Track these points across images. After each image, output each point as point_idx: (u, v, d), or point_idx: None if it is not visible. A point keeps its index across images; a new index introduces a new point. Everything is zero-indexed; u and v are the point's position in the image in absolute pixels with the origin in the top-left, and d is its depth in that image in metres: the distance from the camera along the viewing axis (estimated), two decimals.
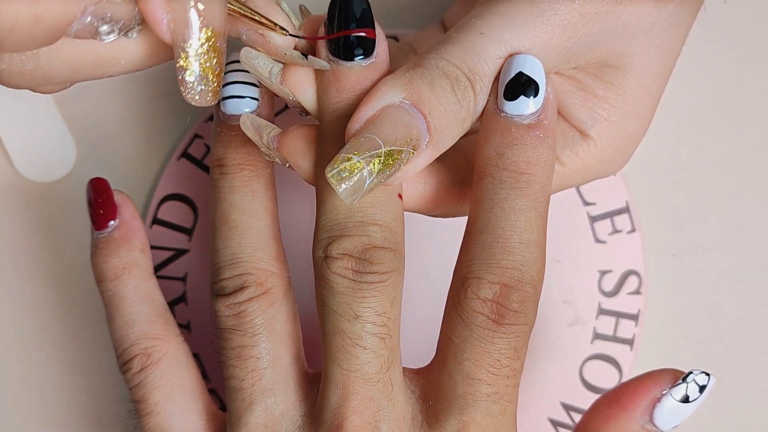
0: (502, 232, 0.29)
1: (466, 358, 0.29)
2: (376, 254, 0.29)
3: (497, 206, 0.29)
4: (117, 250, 0.35)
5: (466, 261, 0.30)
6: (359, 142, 0.28)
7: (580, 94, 0.32)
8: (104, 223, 0.35)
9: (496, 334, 0.29)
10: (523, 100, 0.30)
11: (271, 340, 0.32)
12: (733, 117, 0.42)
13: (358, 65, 0.30)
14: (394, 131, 0.28)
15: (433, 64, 0.29)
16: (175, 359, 0.34)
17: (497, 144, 0.30)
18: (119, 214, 0.35)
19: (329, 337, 0.30)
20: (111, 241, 0.35)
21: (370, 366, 0.30)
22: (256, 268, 0.32)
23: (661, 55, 0.31)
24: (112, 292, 0.35)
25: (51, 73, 0.26)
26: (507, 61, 0.30)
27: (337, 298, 0.30)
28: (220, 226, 0.33)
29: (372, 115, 0.29)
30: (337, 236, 0.29)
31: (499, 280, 0.29)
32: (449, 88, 0.29)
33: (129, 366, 0.34)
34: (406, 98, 0.29)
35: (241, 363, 0.32)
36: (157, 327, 0.34)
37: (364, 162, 0.28)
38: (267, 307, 0.32)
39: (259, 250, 0.32)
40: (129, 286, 0.35)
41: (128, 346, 0.34)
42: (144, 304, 0.35)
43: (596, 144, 0.32)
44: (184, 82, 0.27)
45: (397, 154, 0.28)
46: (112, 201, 0.36)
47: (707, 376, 0.31)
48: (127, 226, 0.35)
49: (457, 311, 0.30)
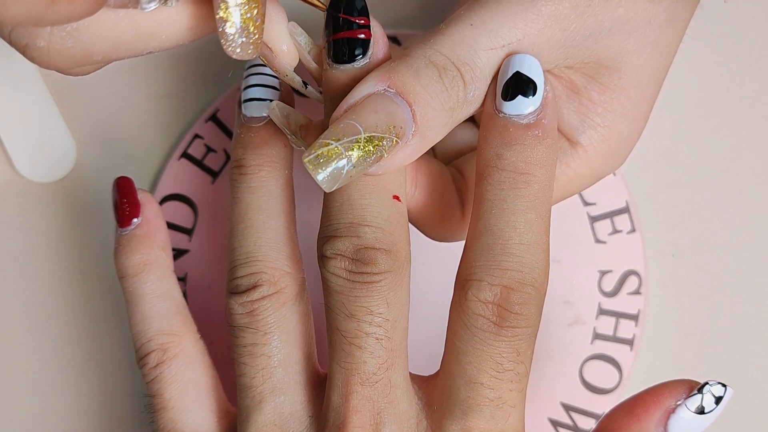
0: (501, 233, 0.29)
1: (468, 361, 0.29)
2: (368, 254, 0.29)
3: (496, 207, 0.29)
4: (138, 247, 0.35)
5: (467, 264, 0.30)
6: (338, 128, 0.28)
7: (574, 97, 0.32)
8: (128, 221, 0.36)
9: (497, 337, 0.29)
10: (521, 100, 0.29)
11: (283, 339, 0.32)
12: (733, 117, 0.42)
13: (351, 68, 0.30)
14: (375, 118, 0.28)
15: (420, 54, 0.29)
16: (190, 356, 0.34)
17: (495, 145, 0.30)
18: (142, 213, 0.36)
19: (329, 335, 0.30)
20: (133, 238, 0.35)
21: (366, 366, 0.30)
22: (269, 267, 0.32)
23: (657, 53, 0.31)
24: (132, 288, 0.35)
25: (91, 50, 0.26)
26: (504, 61, 0.30)
27: (333, 297, 0.30)
28: (236, 225, 0.33)
29: (354, 102, 0.28)
30: (330, 236, 0.30)
31: (499, 282, 0.29)
32: (436, 77, 0.29)
33: (146, 361, 0.34)
34: (390, 86, 0.28)
35: (252, 360, 0.32)
36: (174, 323, 0.35)
37: (342, 147, 0.27)
38: (279, 306, 0.32)
39: (273, 250, 0.33)
40: (149, 283, 0.35)
41: (146, 341, 0.34)
42: (163, 300, 0.35)
43: (586, 151, 0.32)
44: (224, 34, 0.26)
45: (378, 141, 0.28)
46: (135, 199, 0.36)
47: (724, 387, 0.30)
48: (149, 225, 0.36)
49: (459, 315, 0.29)
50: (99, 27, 0.26)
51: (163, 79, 0.43)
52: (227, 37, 0.26)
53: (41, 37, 0.25)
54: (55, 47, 0.25)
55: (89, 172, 0.42)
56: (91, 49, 0.26)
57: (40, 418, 0.43)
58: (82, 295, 0.43)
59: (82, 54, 0.26)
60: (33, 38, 0.25)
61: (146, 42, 0.27)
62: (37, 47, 0.25)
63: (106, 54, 0.26)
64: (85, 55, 0.26)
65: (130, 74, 0.43)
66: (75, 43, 0.25)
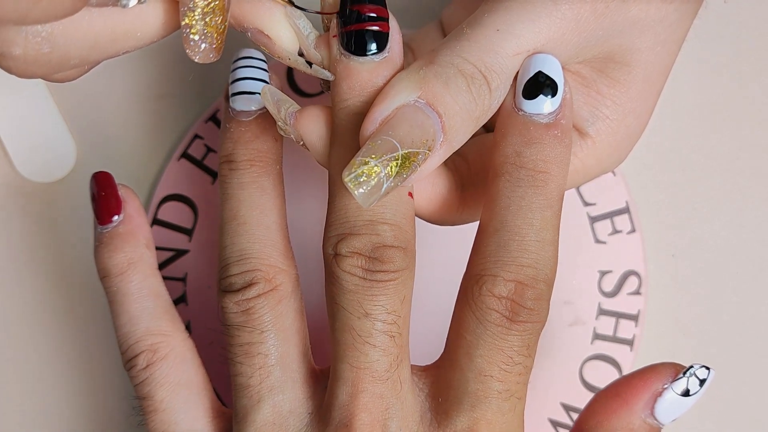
0: (518, 229, 0.29)
1: (479, 354, 0.29)
2: (386, 253, 0.29)
3: (514, 204, 0.29)
4: (122, 245, 0.34)
5: (481, 258, 0.30)
6: (376, 145, 0.28)
7: (583, 90, 0.32)
8: (108, 218, 0.35)
9: (509, 331, 0.29)
10: (541, 99, 0.30)
11: (279, 337, 0.32)
12: (733, 117, 0.42)
13: (370, 61, 0.29)
14: (410, 133, 0.28)
15: (448, 61, 0.29)
16: (180, 355, 0.34)
17: (515, 142, 0.30)
18: (123, 209, 0.35)
19: (339, 335, 0.30)
20: (115, 236, 0.35)
21: (379, 364, 0.30)
22: (264, 264, 0.32)
23: (665, 51, 0.31)
24: (117, 288, 0.34)
25: (68, 54, 0.26)
26: (526, 60, 0.30)
27: (348, 296, 0.29)
28: (228, 221, 0.33)
29: (387, 115, 0.28)
30: (346, 234, 0.29)
31: (514, 278, 0.29)
32: (464, 87, 0.29)
33: (134, 362, 0.33)
34: (421, 97, 0.28)
35: (248, 360, 0.32)
36: (162, 323, 0.34)
37: (381, 165, 0.27)
38: (275, 304, 0.32)
39: (267, 247, 0.32)
40: (134, 282, 0.34)
41: (133, 342, 0.34)
42: (149, 300, 0.34)
43: (595, 143, 0.32)
44: (188, 40, 0.27)
45: (414, 156, 0.28)
46: (116, 195, 0.35)
47: (707, 369, 0.31)
48: (132, 221, 0.35)
49: (470, 308, 0.30)
50: (75, 29, 0.25)
51: (163, 79, 0.43)
52: (190, 43, 0.27)
53: (16, 45, 0.25)
54: (32, 54, 0.25)
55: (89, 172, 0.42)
56: (68, 52, 0.26)
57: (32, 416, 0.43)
58: (82, 295, 0.43)
59: (59, 59, 0.26)
60: (8, 47, 0.25)
61: (122, 41, 0.27)
62: (12, 56, 0.25)
63: (83, 57, 0.26)
64: (62, 59, 0.26)
65: (130, 74, 0.43)
66: (51, 47, 0.25)
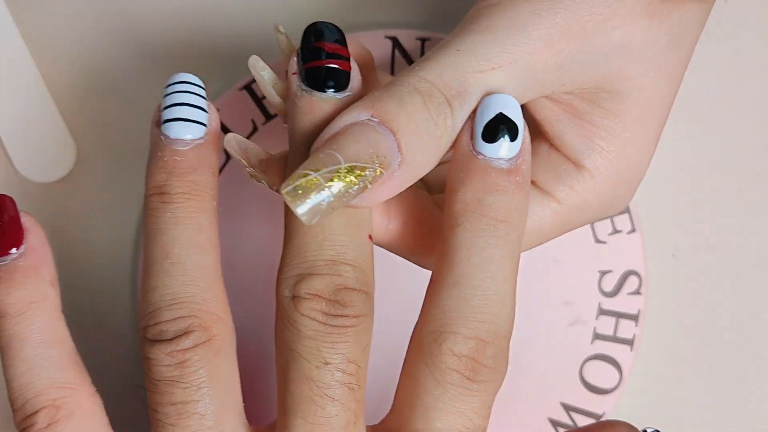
0: (480, 282, 0.27)
1: (438, 418, 0.28)
2: (348, 296, 0.27)
3: (476, 256, 0.27)
4: (23, 281, 0.29)
5: (439, 313, 0.28)
6: (318, 158, 0.26)
7: (575, 121, 0.30)
8: (6, 250, 0.30)
9: (469, 392, 0.27)
10: (502, 143, 0.28)
11: (216, 394, 0.28)
12: (733, 117, 0.42)
13: (332, 97, 0.28)
14: (357, 147, 0.26)
15: (405, 81, 0.27)
16: (89, 412, 0.29)
17: (476, 189, 0.28)
18: (26, 240, 0.30)
19: (294, 386, 0.28)
20: (16, 270, 0.29)
21: (337, 420, 0.27)
22: (201, 310, 0.28)
23: (662, 78, 0.30)
24: (15, 331, 0.29)
25: None
26: (484, 100, 0.28)
27: (306, 342, 0.27)
28: (159, 260, 0.29)
29: (335, 132, 0.27)
30: (306, 275, 0.27)
31: (475, 335, 0.27)
32: (420, 104, 0.27)
33: (33, 420, 0.28)
34: (374, 115, 0.27)
35: (183, 422, 0.28)
36: (68, 374, 0.29)
37: (322, 179, 0.26)
38: (213, 356, 0.28)
39: (204, 290, 0.29)
40: (35, 325, 0.29)
41: (32, 396, 0.29)
42: (53, 346, 0.29)
43: (592, 176, 0.31)
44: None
45: (360, 171, 0.26)
46: (18, 223, 0.30)
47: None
48: (35, 254, 0.30)
49: (428, 367, 0.27)
50: None
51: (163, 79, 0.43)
52: None
53: None
54: None
55: (89, 172, 0.42)
56: None
57: None
58: (82, 295, 0.43)
59: None
60: None
61: None
62: None
63: None
64: None
65: (130, 74, 0.43)
66: None
